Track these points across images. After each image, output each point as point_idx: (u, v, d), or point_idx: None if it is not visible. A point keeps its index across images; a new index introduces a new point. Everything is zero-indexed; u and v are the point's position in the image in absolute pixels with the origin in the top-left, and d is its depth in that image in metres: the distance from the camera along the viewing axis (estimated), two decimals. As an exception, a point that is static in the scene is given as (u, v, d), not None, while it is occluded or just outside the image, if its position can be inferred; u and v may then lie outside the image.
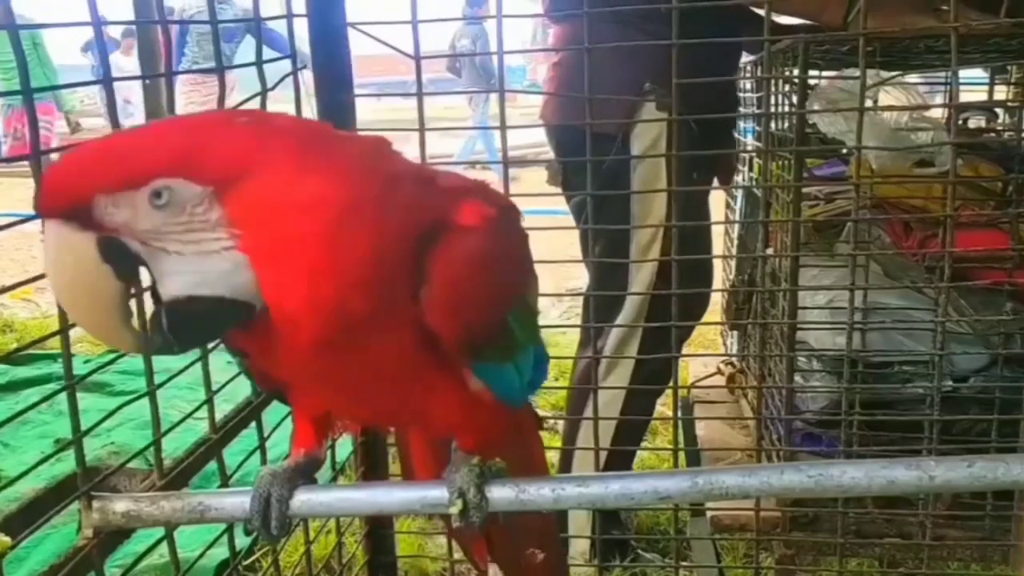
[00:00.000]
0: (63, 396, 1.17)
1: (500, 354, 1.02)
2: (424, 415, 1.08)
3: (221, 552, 1.62)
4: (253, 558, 2.34)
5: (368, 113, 2.12)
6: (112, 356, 1.37)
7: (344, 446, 1.89)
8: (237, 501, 1.07)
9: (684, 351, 3.21)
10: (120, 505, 1.08)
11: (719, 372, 3.24)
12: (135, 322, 0.89)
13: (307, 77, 1.77)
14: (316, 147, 0.88)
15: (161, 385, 1.33)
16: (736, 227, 3.12)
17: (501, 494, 1.07)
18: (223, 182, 0.83)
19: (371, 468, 1.85)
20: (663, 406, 4.49)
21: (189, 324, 0.87)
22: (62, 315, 1.12)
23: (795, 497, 2.03)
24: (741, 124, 3.11)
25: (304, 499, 1.08)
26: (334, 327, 0.87)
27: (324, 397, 1.08)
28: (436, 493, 1.07)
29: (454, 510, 1.05)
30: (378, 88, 14.81)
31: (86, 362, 4.60)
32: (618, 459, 2.32)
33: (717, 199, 3.25)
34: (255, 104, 1.51)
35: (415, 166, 1.03)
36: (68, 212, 0.81)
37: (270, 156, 0.85)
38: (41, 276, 1.11)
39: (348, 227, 0.85)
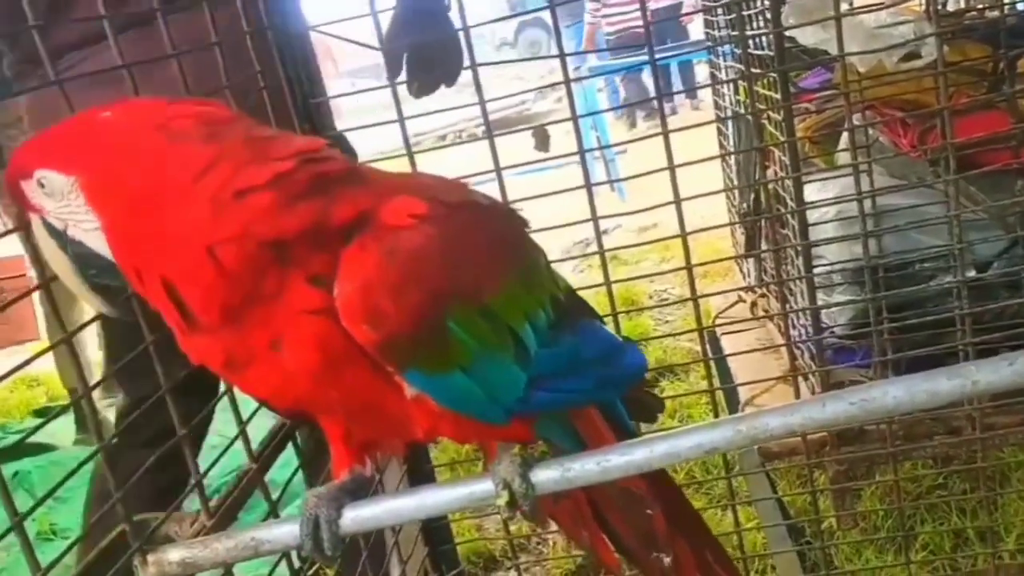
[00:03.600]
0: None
1: (435, 363, 0.97)
2: (411, 424, 1.05)
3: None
4: (318, 564, 2.35)
5: (351, 101, 2.13)
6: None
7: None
8: (287, 530, 1.08)
9: (701, 286, 3.18)
10: (174, 554, 1.09)
11: (740, 300, 3.21)
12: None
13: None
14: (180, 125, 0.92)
15: (192, 425, 1.33)
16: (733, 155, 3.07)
17: (546, 476, 1.07)
18: (79, 172, 0.91)
19: (415, 465, 1.85)
20: (690, 342, 4.46)
21: (104, 271, 0.96)
22: (82, 378, 1.11)
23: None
24: (719, 48, 3.04)
25: (353, 516, 1.08)
26: (219, 293, 0.89)
27: (331, 416, 1.08)
28: (482, 488, 1.07)
29: (501, 501, 1.05)
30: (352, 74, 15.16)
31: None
32: None
33: (709, 130, 3.21)
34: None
35: (345, 164, 0.99)
36: (16, 196, 0.95)
37: (128, 142, 0.90)
38: (57, 344, 1.10)
39: (206, 191, 0.89)
